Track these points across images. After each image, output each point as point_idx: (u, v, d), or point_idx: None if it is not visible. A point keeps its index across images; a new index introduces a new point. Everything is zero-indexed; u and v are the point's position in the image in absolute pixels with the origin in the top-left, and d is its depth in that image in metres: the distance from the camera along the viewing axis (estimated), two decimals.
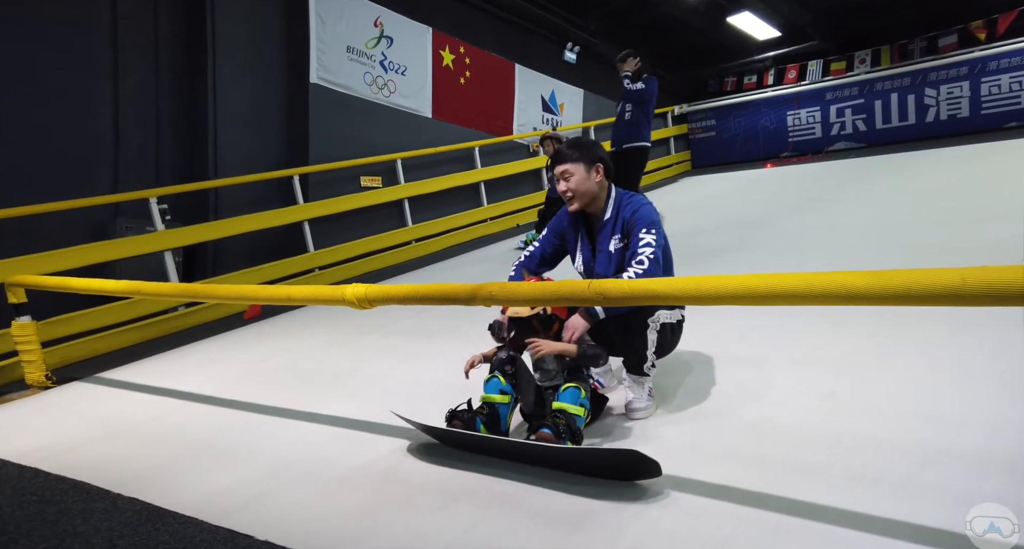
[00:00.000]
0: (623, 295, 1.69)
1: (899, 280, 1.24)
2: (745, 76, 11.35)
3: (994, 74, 8.65)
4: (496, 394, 2.02)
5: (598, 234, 2.27)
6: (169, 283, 3.71)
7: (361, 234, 6.21)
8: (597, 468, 1.76)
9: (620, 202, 2.26)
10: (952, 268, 1.19)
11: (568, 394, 1.94)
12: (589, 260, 2.29)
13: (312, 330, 4.09)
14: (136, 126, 5.11)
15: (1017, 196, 4.72)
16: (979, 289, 1.15)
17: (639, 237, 2.13)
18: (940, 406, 1.91)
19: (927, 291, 1.21)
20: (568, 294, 1.80)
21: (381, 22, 6.68)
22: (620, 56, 5.14)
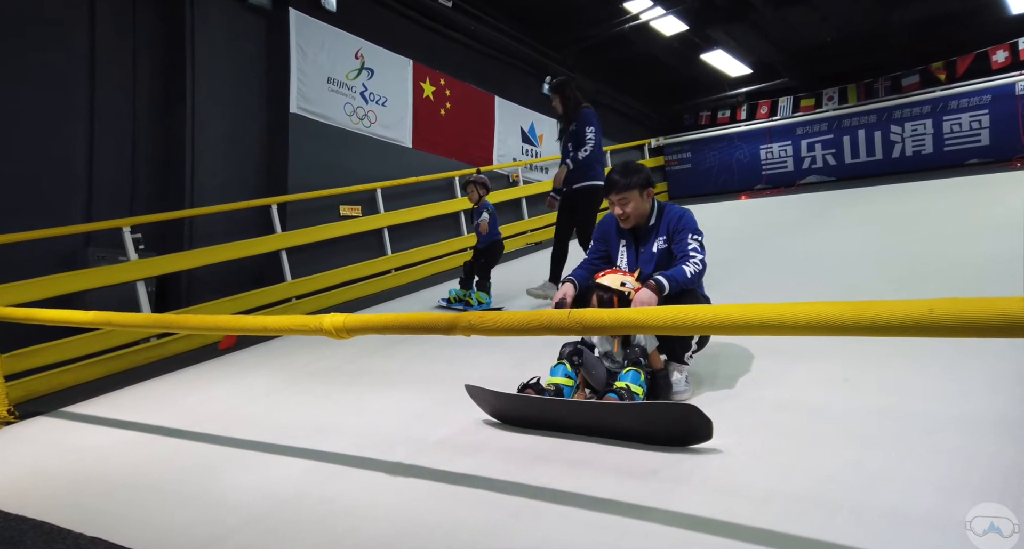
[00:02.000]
0: (601, 324, 1.71)
1: (870, 312, 1.27)
2: (719, 111, 11.67)
3: (955, 113, 9.02)
4: (562, 377, 2.33)
5: (643, 238, 2.66)
6: (140, 314, 3.62)
7: (340, 263, 6.17)
8: (658, 426, 2.02)
9: (663, 211, 2.64)
10: (921, 300, 1.21)
11: (630, 376, 2.27)
12: (632, 260, 2.67)
13: (290, 359, 4.02)
14: (111, 154, 5.07)
15: (976, 223, 5.09)
16: (946, 321, 1.17)
17: (688, 241, 2.51)
18: (943, 384, 2.25)
19: (896, 323, 1.23)
20: (547, 323, 1.81)
21: (362, 54, 6.76)
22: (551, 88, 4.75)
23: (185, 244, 5.24)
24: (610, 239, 2.74)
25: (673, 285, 2.36)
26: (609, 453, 2.01)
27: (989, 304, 1.14)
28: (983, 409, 2.02)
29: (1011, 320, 1.11)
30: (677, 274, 2.41)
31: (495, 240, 4.99)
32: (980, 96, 8.82)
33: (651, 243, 2.62)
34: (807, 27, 9.31)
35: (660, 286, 2.34)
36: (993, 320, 1.13)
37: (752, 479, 1.74)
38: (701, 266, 2.46)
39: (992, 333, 1.15)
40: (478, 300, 4.82)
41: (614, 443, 2.07)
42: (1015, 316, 1.11)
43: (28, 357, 3.90)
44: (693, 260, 2.45)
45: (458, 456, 2.11)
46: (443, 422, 2.47)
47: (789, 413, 2.19)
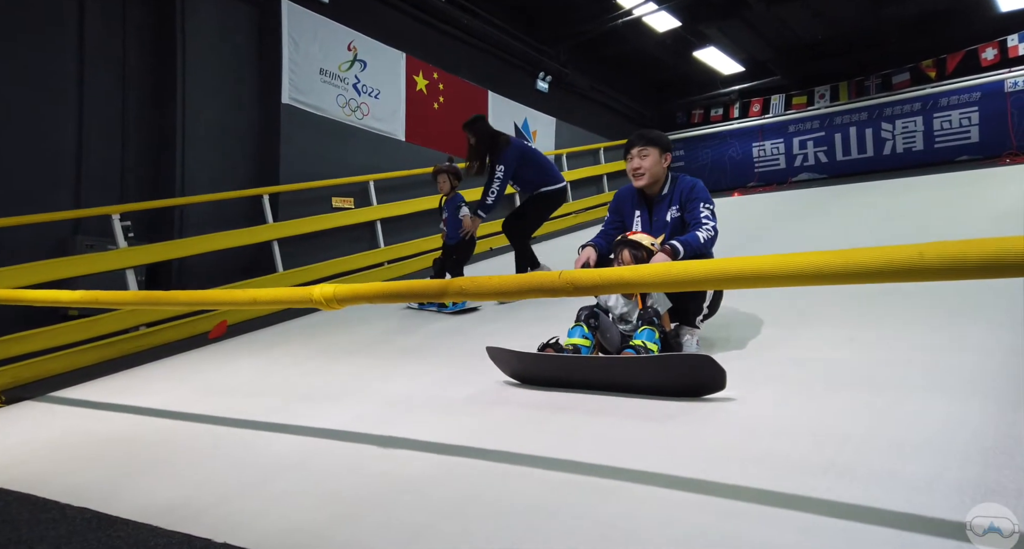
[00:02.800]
0: (592, 284, 1.70)
1: (859, 257, 1.27)
2: (712, 109, 11.72)
3: (945, 110, 9.09)
4: (579, 338, 2.43)
5: (656, 206, 2.78)
6: (127, 292, 3.59)
7: (332, 255, 6.14)
8: (674, 378, 2.13)
9: (677, 181, 2.78)
10: (910, 244, 1.22)
11: (644, 334, 2.39)
12: (647, 226, 2.77)
13: (283, 347, 4.00)
14: (101, 142, 5.03)
15: (961, 214, 5.30)
16: (934, 263, 1.18)
17: (700, 209, 2.65)
18: (935, 339, 2.44)
19: (887, 267, 1.23)
20: (539, 285, 1.80)
21: (355, 46, 6.75)
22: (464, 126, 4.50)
23: (175, 233, 5.20)
24: (624, 209, 2.88)
25: (688, 249, 2.50)
26: (626, 403, 2.13)
27: (974, 245, 1.15)
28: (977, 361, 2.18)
29: (993, 259, 1.12)
30: (691, 239, 2.55)
31: (470, 240, 4.54)
32: (970, 93, 8.89)
33: (664, 212, 2.75)
34: (799, 24, 9.38)
35: (675, 250, 2.48)
36: (978, 260, 1.14)
37: (766, 419, 1.87)
38: (713, 232, 2.60)
39: (980, 274, 1.15)
40: (452, 301, 4.43)
41: (630, 396, 2.19)
42: (996, 255, 1.12)
43: (15, 343, 3.86)
44: (706, 227, 2.59)
45: (487, 409, 2.27)
46: (465, 385, 2.59)
47: (798, 368, 2.32)
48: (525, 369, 2.47)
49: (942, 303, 2.80)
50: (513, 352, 2.45)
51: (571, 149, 9.99)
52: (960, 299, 2.81)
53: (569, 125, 10.20)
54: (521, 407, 2.25)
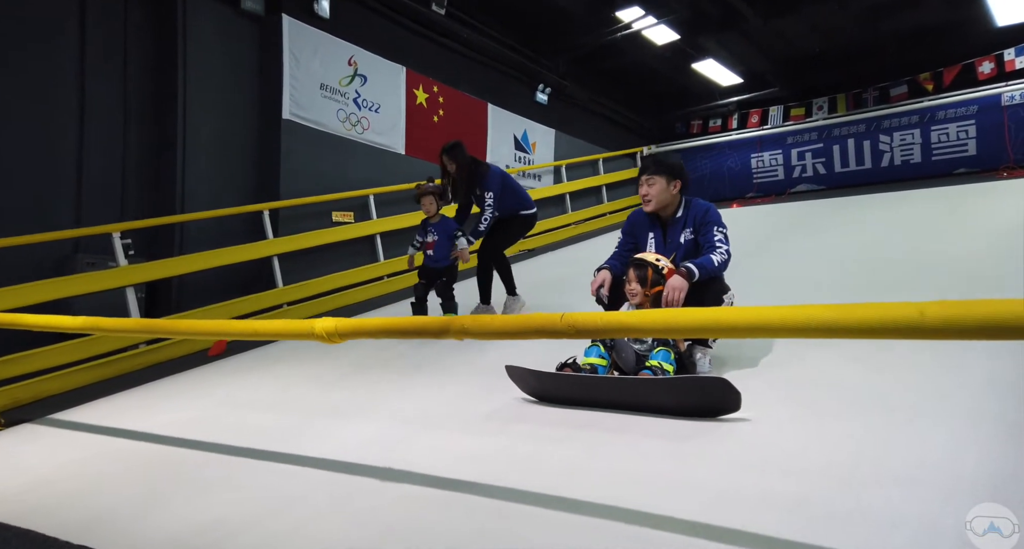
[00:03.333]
0: (594, 327, 1.70)
1: (860, 313, 1.28)
2: (710, 120, 11.75)
3: (942, 123, 9.12)
4: (596, 358, 2.55)
5: (670, 228, 2.90)
6: (130, 319, 3.59)
7: (332, 269, 6.15)
8: (690, 399, 2.20)
9: (691, 205, 2.89)
10: (911, 303, 1.22)
11: (660, 354, 2.49)
12: (660, 248, 2.88)
13: (281, 366, 3.99)
14: (101, 159, 5.04)
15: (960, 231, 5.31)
16: (936, 323, 1.18)
17: (714, 233, 2.76)
18: (940, 361, 2.48)
19: (888, 325, 1.24)
20: (540, 326, 1.80)
21: (355, 61, 6.77)
22: (441, 158, 4.41)
23: (175, 250, 5.21)
24: (638, 231, 2.99)
25: (702, 272, 2.60)
26: (644, 423, 2.21)
27: (977, 307, 1.15)
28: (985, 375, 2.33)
29: (999, 323, 1.12)
30: (706, 262, 2.65)
31: (454, 262, 4.35)
32: (967, 107, 8.92)
33: (678, 234, 2.87)
34: (797, 37, 9.42)
35: (690, 272, 2.58)
36: (981, 322, 1.14)
37: (781, 441, 1.95)
38: (727, 256, 2.71)
39: (980, 335, 1.16)
40: (454, 338, 4.17)
41: (646, 415, 2.26)
42: (997, 317, 1.12)
43: (13, 364, 3.85)
44: (720, 250, 2.70)
45: (508, 425, 2.35)
46: (485, 401, 2.65)
47: (809, 389, 2.40)
48: (543, 388, 2.56)
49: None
50: (532, 371, 2.53)
51: (570, 160, 10.02)
52: None
53: (568, 136, 10.23)
54: (541, 424, 2.33)
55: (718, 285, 2.71)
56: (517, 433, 2.28)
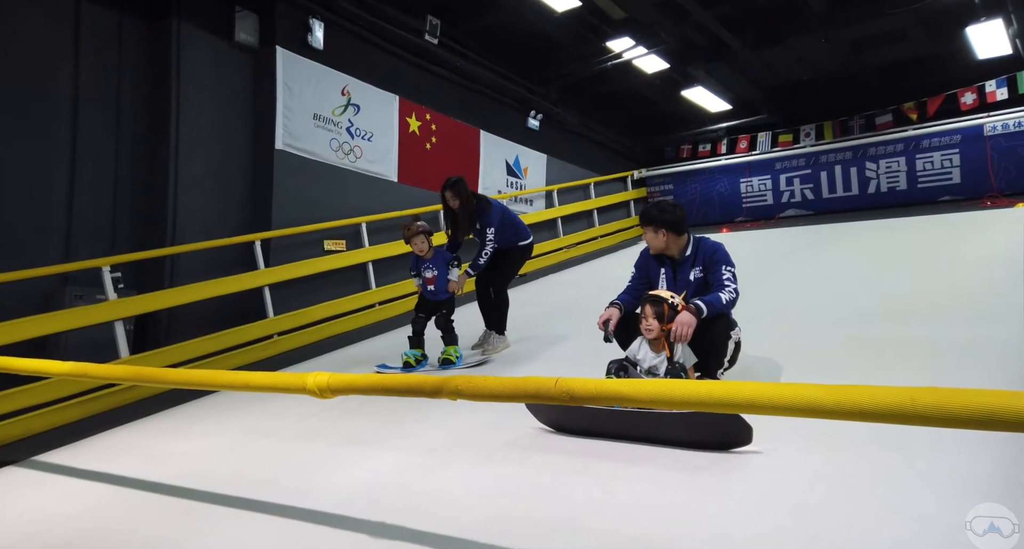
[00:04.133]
0: (588, 395, 1.71)
1: (853, 396, 1.29)
2: (700, 144, 11.88)
3: (927, 151, 9.29)
4: None
5: (680, 267, 3.05)
6: (120, 366, 3.55)
7: (324, 298, 6.12)
8: (704, 432, 2.28)
9: (699, 244, 3.05)
10: (902, 388, 1.24)
11: None
12: (671, 284, 3.03)
13: (276, 403, 3.95)
14: (92, 191, 5.03)
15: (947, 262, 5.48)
16: (927, 410, 1.20)
17: (722, 272, 2.91)
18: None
19: (878, 410, 1.25)
20: (534, 391, 1.80)
21: (348, 90, 6.82)
22: (444, 193, 4.51)
23: (166, 282, 5.18)
24: (650, 267, 3.15)
25: (710, 309, 2.73)
26: (660, 454, 2.31)
27: (967, 396, 1.17)
28: None
29: (986, 414, 1.14)
30: (714, 300, 2.79)
31: (452, 294, 4.39)
32: (950, 136, 9.10)
33: (688, 272, 3.01)
34: (783, 67, 9.59)
35: (699, 309, 2.70)
36: (970, 412, 1.16)
37: (791, 474, 2.06)
38: (735, 294, 2.86)
39: (970, 425, 1.17)
40: (455, 354, 4.23)
41: (661, 446, 2.36)
42: (988, 410, 1.14)
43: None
44: (728, 289, 2.85)
45: (529, 454, 2.48)
46: (504, 431, 2.74)
47: (817, 422, 2.49)
48: (560, 419, 2.66)
49: (945, 356, 3.10)
50: (551, 407, 2.65)
51: (562, 185, 10.10)
52: (963, 354, 3.13)
53: (560, 161, 10.32)
54: (560, 453, 2.45)
55: (725, 321, 2.83)
56: (539, 461, 2.42)
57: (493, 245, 4.43)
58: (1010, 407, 1.13)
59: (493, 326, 4.63)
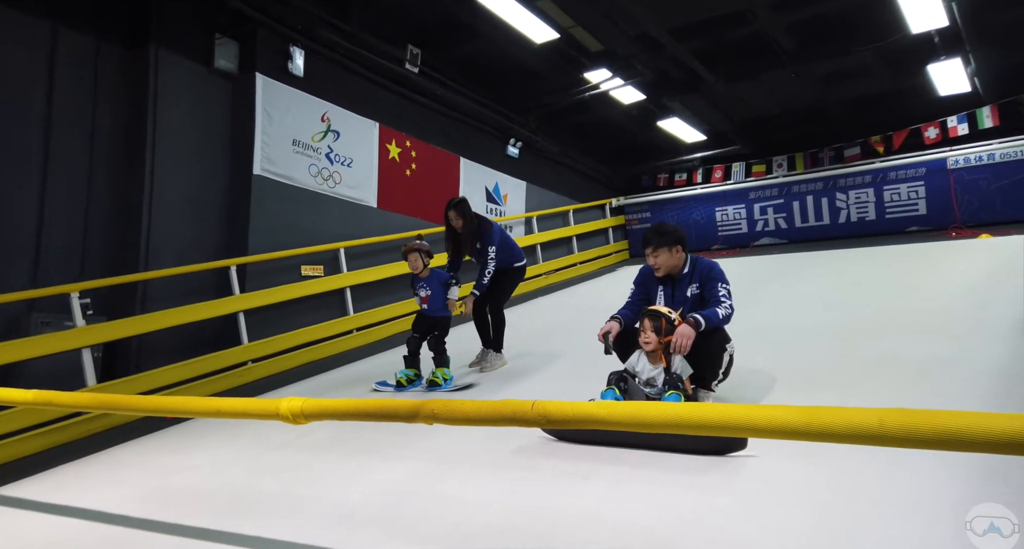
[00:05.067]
0: (565, 418, 1.71)
1: (825, 418, 1.31)
2: (676, 173, 12.13)
3: (894, 183, 9.60)
4: (611, 400, 2.73)
5: (678, 284, 3.20)
6: (86, 393, 3.46)
7: (300, 324, 6.05)
8: (701, 439, 2.40)
9: (696, 262, 3.21)
10: (871, 409, 1.26)
11: (672, 397, 2.77)
12: (669, 300, 3.18)
13: (247, 430, 3.86)
14: (62, 216, 4.95)
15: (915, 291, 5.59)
16: (895, 431, 1.22)
17: (718, 289, 3.06)
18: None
19: (848, 431, 1.27)
20: (511, 414, 1.80)
21: (328, 117, 6.86)
22: (448, 213, 4.63)
23: (137, 308, 5.07)
24: (649, 284, 3.30)
25: (708, 323, 2.90)
26: (662, 458, 2.47)
27: (935, 417, 1.19)
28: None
29: (953, 434, 1.16)
30: (711, 315, 2.95)
31: (446, 315, 4.44)
32: (916, 169, 9.42)
33: (685, 288, 3.17)
34: (755, 100, 9.88)
35: (697, 322, 2.87)
36: (937, 433, 1.18)
37: (786, 474, 2.21)
38: (730, 310, 3.02)
39: (937, 446, 1.19)
40: (443, 377, 4.24)
41: (662, 452, 2.51)
42: (955, 430, 1.16)
43: None
44: (724, 305, 3.01)
45: (538, 459, 2.62)
46: (510, 440, 2.84)
47: None
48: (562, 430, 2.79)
49: (927, 374, 3.31)
50: None
51: (541, 212, 10.19)
52: (943, 369, 3.33)
53: (539, 188, 10.43)
54: (569, 459, 2.57)
55: (720, 335, 3.00)
56: (550, 466, 2.55)
57: (494, 264, 4.57)
58: (975, 428, 1.15)
59: (491, 344, 4.75)
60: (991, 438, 1.13)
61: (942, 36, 7.50)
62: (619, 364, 3.10)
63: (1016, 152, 8.76)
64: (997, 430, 1.12)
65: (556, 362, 4.69)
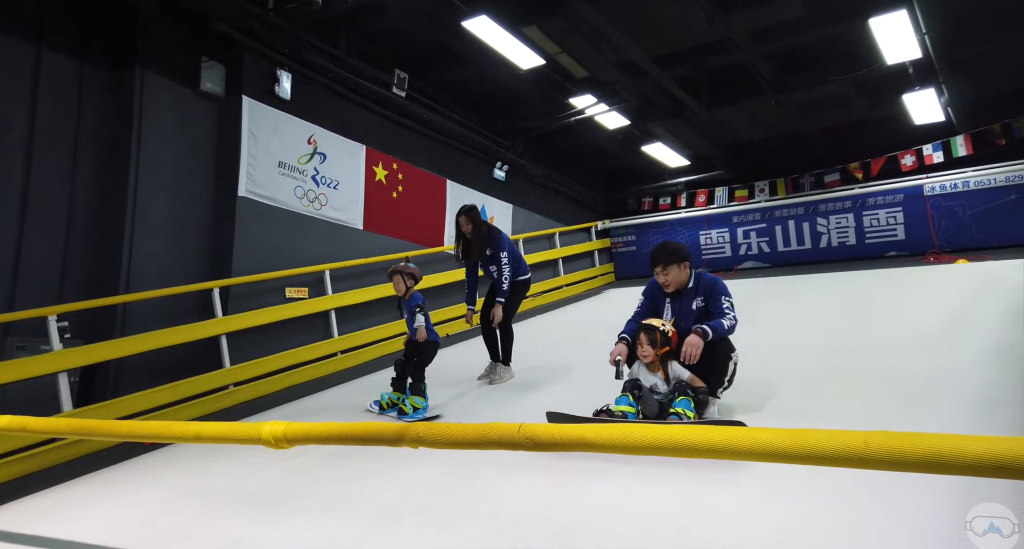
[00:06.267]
0: (551, 441, 1.70)
1: (812, 440, 1.32)
2: (660, 197, 12.27)
3: (873, 209, 9.79)
4: (626, 405, 3.06)
5: (684, 298, 3.38)
6: (61, 419, 3.37)
7: (284, 347, 5.98)
8: None
9: (700, 277, 3.39)
10: (856, 432, 1.27)
11: (682, 403, 3.01)
12: (676, 312, 3.37)
13: (226, 456, 3.78)
14: (43, 239, 4.87)
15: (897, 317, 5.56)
16: (879, 454, 1.23)
17: (722, 301, 3.25)
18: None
19: (833, 453, 1.28)
20: (498, 438, 1.78)
21: (315, 140, 6.87)
22: (458, 218, 4.87)
23: (117, 331, 4.98)
24: (657, 298, 3.48)
25: (714, 333, 3.11)
26: (671, 459, 2.63)
27: (919, 440, 1.20)
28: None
29: (935, 457, 1.17)
30: (717, 326, 3.15)
31: (431, 341, 4.37)
32: (894, 195, 9.63)
33: (691, 302, 3.35)
34: (737, 126, 10.09)
35: (705, 333, 3.09)
36: (919, 456, 1.19)
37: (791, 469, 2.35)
38: (735, 321, 3.22)
39: (921, 469, 1.20)
40: (413, 406, 4.15)
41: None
42: (936, 453, 1.17)
43: None
44: (728, 316, 3.21)
45: (558, 460, 2.65)
46: None
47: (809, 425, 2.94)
48: None
49: (908, 395, 3.41)
50: (572, 417, 3.06)
51: (528, 234, 10.22)
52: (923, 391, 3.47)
53: (525, 211, 10.49)
54: (588, 459, 2.57)
55: (726, 344, 3.20)
56: (571, 465, 2.65)
57: (510, 269, 4.70)
58: (958, 450, 1.16)
59: (500, 357, 4.88)
60: (972, 461, 1.14)
61: (916, 67, 7.74)
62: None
63: (990, 180, 8.99)
64: (979, 453, 1.14)
65: (566, 374, 4.83)
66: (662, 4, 6.68)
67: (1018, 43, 7.51)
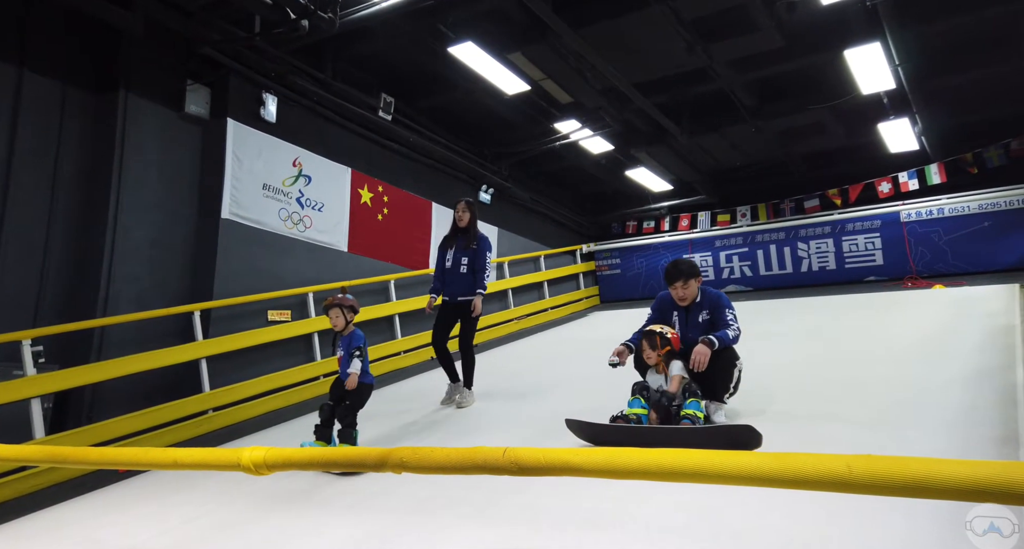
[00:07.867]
0: (536, 465, 1.69)
1: (795, 464, 1.32)
2: (644, 221, 12.39)
3: (851, 234, 9.97)
4: (638, 408, 3.28)
5: (691, 311, 3.63)
6: (31, 446, 3.27)
7: (265, 370, 5.89)
8: (721, 441, 2.86)
9: (705, 291, 3.66)
10: (839, 456, 1.27)
11: (692, 405, 3.24)
12: (684, 326, 3.62)
13: (207, 483, 3.68)
14: (19, 262, 4.79)
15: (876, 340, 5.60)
16: (863, 478, 1.23)
17: (726, 313, 3.52)
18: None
19: (816, 477, 1.28)
20: (482, 462, 1.76)
21: (300, 162, 6.88)
22: (459, 204, 5.07)
23: (93, 355, 4.88)
24: (665, 310, 3.73)
25: (720, 343, 3.37)
26: None
27: (901, 464, 1.21)
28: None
29: (920, 482, 1.18)
30: (723, 336, 3.41)
31: (365, 383, 3.79)
32: (871, 221, 9.83)
33: (698, 314, 3.60)
34: (719, 152, 10.29)
35: (712, 342, 3.34)
36: (904, 481, 1.19)
37: None
38: (738, 332, 3.48)
39: (904, 493, 1.21)
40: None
41: None
42: (920, 477, 1.18)
43: None
44: (733, 327, 3.47)
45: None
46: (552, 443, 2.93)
47: (810, 427, 3.26)
48: (597, 436, 3.22)
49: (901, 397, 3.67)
50: (589, 423, 3.25)
51: (513, 257, 10.26)
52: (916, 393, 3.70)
53: (510, 234, 10.53)
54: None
55: (731, 353, 3.45)
56: None
57: (490, 267, 5.00)
58: (939, 475, 1.17)
59: (462, 380, 4.86)
60: (955, 486, 1.15)
61: (890, 98, 7.98)
62: (629, 378, 3.59)
63: (964, 207, 9.22)
64: (960, 477, 1.14)
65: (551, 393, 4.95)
66: (644, 33, 6.83)
67: (988, 76, 7.78)
